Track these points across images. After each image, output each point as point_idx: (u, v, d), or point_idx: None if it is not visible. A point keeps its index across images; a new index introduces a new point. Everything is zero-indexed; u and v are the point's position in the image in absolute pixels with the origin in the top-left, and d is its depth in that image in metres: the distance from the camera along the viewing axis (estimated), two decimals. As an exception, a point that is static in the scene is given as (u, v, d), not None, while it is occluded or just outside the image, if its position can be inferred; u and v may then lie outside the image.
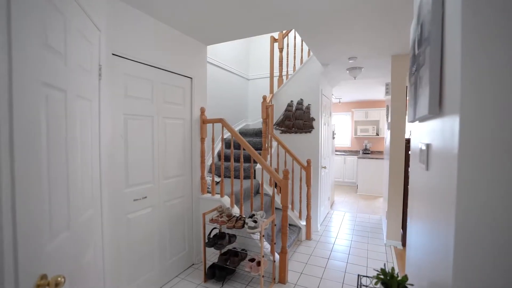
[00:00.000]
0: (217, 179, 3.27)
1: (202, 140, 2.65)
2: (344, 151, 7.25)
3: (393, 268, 1.09)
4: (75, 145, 1.02)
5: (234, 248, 2.41)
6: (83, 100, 1.13)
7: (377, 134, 6.83)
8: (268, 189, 3.37)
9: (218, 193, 2.67)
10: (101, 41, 1.35)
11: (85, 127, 1.16)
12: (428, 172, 0.94)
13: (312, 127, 3.57)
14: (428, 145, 0.94)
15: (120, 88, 1.83)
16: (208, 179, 2.92)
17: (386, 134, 3.87)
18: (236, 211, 2.55)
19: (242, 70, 4.82)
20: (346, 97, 6.46)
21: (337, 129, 7.02)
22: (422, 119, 1.00)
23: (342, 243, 3.20)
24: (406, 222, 3.07)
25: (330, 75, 3.80)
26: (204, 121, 2.64)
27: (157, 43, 2.12)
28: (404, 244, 3.06)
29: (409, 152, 3.14)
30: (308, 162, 3.26)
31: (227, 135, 4.08)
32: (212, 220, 2.27)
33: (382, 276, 1.06)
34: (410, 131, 3.54)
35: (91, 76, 1.23)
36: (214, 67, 3.98)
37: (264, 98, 3.33)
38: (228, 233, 2.35)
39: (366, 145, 6.99)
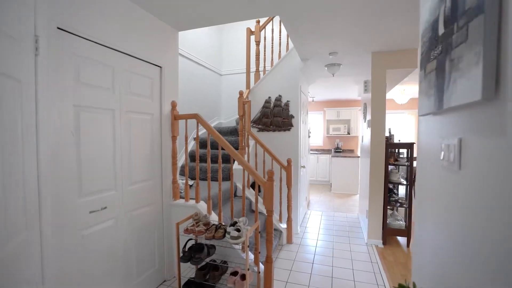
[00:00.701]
0: (190, 182, 2.95)
1: (174, 138, 2.32)
2: (316, 150, 7.29)
3: (414, 284, 0.94)
4: (-10, 143, 0.69)
5: (213, 260, 2.13)
6: (7, 79, 0.79)
7: (349, 133, 6.96)
8: (246, 191, 3.13)
9: (192, 198, 2.36)
10: (37, 4, 1.00)
11: (12, 119, 0.82)
12: (462, 171, 0.79)
13: (291, 125, 3.41)
14: (460, 140, 0.79)
15: (69, 72, 1.44)
16: (181, 182, 2.60)
17: (364, 132, 3.85)
18: (213, 218, 2.27)
19: (214, 64, 4.51)
20: (319, 96, 6.47)
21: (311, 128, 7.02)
22: (451, 110, 0.85)
23: (324, 245, 3.08)
24: (386, 221, 3.05)
25: (308, 71, 3.68)
26: (175, 117, 2.31)
27: (119, 23, 1.76)
28: (384, 242, 3.03)
29: (387, 150, 3.13)
30: (289, 161, 3.09)
31: (200, 132, 3.76)
32: (187, 231, 1.97)
33: (404, 295, 0.90)
34: (389, 129, 3.57)
35: (22, 48, 0.89)
36: (185, 59, 3.63)
37: (241, 93, 3.09)
38: (206, 244, 2.06)
39: (338, 144, 7.09)
